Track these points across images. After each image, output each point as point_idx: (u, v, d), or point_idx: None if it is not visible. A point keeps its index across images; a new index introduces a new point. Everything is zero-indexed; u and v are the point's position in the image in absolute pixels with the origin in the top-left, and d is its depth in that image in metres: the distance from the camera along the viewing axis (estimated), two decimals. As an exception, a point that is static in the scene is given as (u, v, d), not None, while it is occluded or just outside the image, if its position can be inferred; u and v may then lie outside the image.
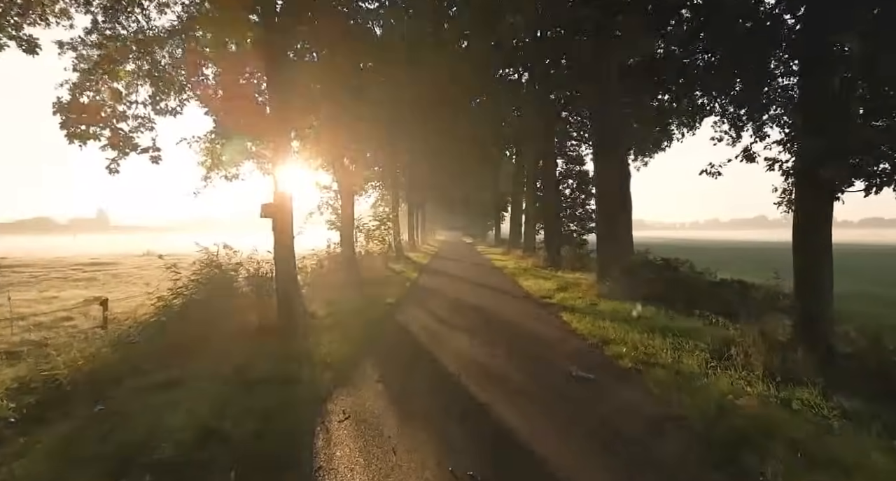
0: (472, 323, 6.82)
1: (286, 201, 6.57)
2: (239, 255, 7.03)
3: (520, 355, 5.01)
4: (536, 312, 7.67)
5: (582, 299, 8.33)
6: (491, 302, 8.76)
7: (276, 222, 6.54)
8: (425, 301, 8.95)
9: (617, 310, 7.09)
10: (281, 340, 5.48)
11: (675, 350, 4.82)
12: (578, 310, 7.40)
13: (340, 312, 7.21)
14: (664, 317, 6.49)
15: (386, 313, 7.54)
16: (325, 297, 8.78)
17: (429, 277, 13.43)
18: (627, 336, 5.54)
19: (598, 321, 6.46)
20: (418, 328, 6.42)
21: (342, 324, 6.44)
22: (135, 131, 6.95)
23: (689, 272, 8.67)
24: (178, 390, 3.91)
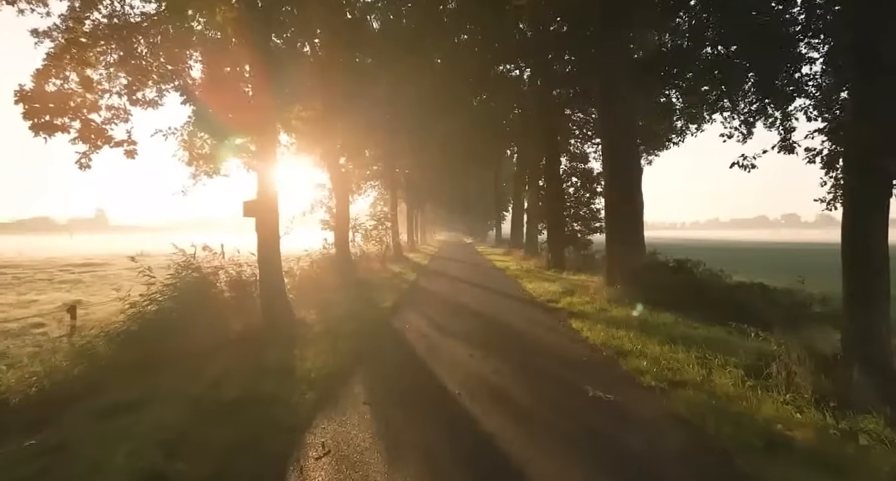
0: (474, 330, 6.29)
1: (271, 199, 6.04)
2: (221, 257, 6.49)
3: (527, 370, 4.47)
4: (543, 319, 7.13)
5: (591, 304, 7.79)
6: (493, 306, 8.23)
7: (260, 221, 6.01)
8: (424, 305, 8.41)
9: (630, 317, 6.55)
10: (263, 351, 4.94)
11: (703, 365, 4.28)
12: (588, 317, 6.86)
13: (332, 318, 6.68)
14: (683, 324, 5.95)
15: (381, 319, 7.00)
16: (317, 301, 8.25)
17: (428, 279, 12.90)
18: (646, 347, 5.00)
19: (611, 329, 5.92)
20: (415, 336, 5.89)
21: (332, 331, 5.90)
22: (108, 123, 6.41)
23: (704, 275, 8.13)
24: (135, 415, 3.38)
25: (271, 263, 5.99)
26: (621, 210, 8.23)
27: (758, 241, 63.73)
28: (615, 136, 8.37)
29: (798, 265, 21.41)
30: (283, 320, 5.97)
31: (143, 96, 6.81)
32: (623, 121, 8.28)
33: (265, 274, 5.97)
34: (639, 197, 8.23)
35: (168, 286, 5.67)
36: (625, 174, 8.22)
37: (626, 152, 8.23)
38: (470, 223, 59.99)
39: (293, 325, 5.97)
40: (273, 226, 6.05)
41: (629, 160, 8.24)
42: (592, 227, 15.07)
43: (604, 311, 7.20)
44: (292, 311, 6.31)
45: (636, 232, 8.22)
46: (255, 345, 5.23)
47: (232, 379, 4.09)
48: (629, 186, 8.18)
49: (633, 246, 8.19)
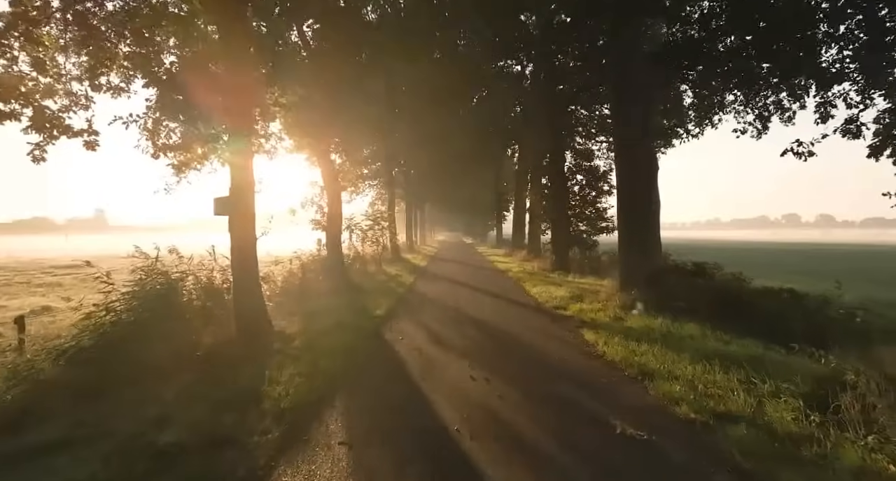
0: (475, 344, 5.60)
1: (246, 195, 5.35)
2: (191, 260, 5.80)
3: (539, 396, 3.78)
4: (551, 329, 6.44)
5: (603, 311, 7.10)
6: (496, 314, 7.53)
7: (234, 221, 5.32)
8: (420, 312, 7.72)
9: (650, 328, 5.86)
10: (230, 371, 4.25)
11: (750, 392, 3.59)
12: (602, 327, 6.17)
13: (316, 329, 5.98)
14: (712, 338, 5.26)
15: (371, 330, 6.31)
16: (303, 309, 7.56)
17: (426, 282, 12.21)
18: (675, 366, 4.31)
19: (630, 342, 5.22)
20: (408, 351, 5.19)
21: (315, 345, 5.20)
22: (66, 111, 5.72)
23: (725, 279, 7.45)
24: (47, 463, 2.69)
25: (246, 268, 5.30)
26: (636, 209, 7.54)
27: (763, 242, 63.05)
28: (628, 131, 7.68)
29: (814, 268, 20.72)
30: (260, 332, 5.28)
31: (107, 81, 6.12)
32: (637, 115, 7.59)
33: (239, 279, 5.27)
34: (655, 195, 7.54)
35: (128, 294, 4.98)
36: (639, 170, 7.53)
37: (641, 145, 7.54)
38: (470, 223, 59.32)
39: (270, 338, 5.28)
40: (248, 225, 5.36)
41: (644, 155, 7.55)
42: (599, 228, 14.39)
43: (619, 320, 6.51)
44: (270, 322, 5.61)
45: (652, 233, 7.53)
46: (222, 362, 4.54)
47: (183, 409, 3.40)
48: (644, 184, 7.49)
49: (649, 248, 7.50)
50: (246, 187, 5.33)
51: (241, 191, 5.30)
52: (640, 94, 7.68)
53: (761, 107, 13.29)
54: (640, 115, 7.58)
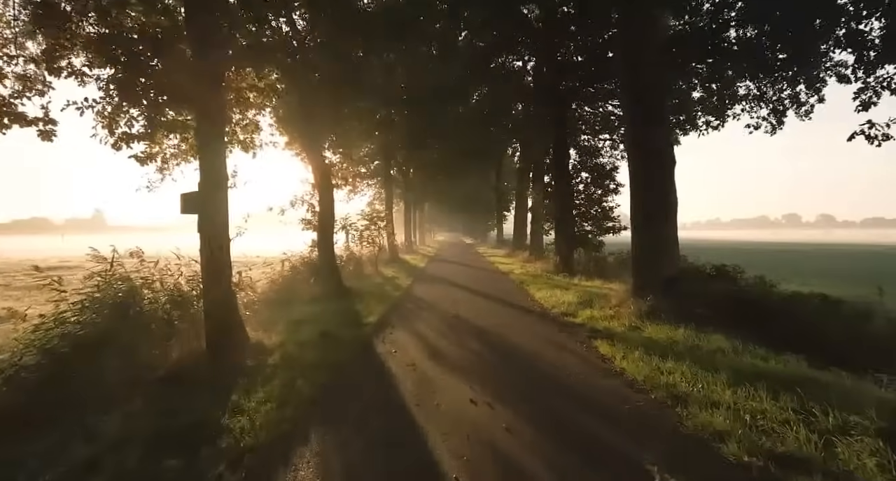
0: (476, 358, 4.98)
1: (218, 191, 4.73)
2: (157, 264, 5.18)
3: (553, 426, 3.17)
4: (560, 339, 5.82)
5: (617, 319, 6.48)
6: (499, 321, 6.92)
7: (204, 221, 4.70)
8: (417, 319, 7.11)
9: (673, 339, 5.24)
10: (189, 397, 3.63)
11: (809, 425, 2.97)
12: (618, 338, 5.55)
13: (298, 341, 5.36)
14: (746, 353, 4.63)
15: (362, 341, 5.69)
16: (288, 316, 6.95)
17: (424, 285, 11.59)
18: (711, 389, 3.69)
19: (653, 357, 4.60)
20: (401, 368, 4.58)
21: (294, 361, 4.59)
22: (18, 96, 5.10)
23: (750, 283, 6.83)
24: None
25: (218, 273, 4.68)
26: (651, 208, 6.92)
27: (766, 242, 62.47)
28: (642, 123, 7.05)
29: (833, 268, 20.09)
30: (232, 345, 4.66)
31: (67, 65, 5.49)
32: (652, 105, 6.96)
33: (210, 286, 4.66)
34: (672, 192, 6.92)
35: (78, 303, 4.36)
36: (655, 165, 6.91)
37: (655, 140, 6.92)
38: (470, 223, 58.75)
39: (244, 353, 4.66)
40: (221, 226, 4.75)
41: (660, 149, 6.93)
42: (605, 227, 13.75)
43: (636, 330, 5.89)
44: (246, 333, 4.99)
45: (669, 234, 6.91)
46: (185, 383, 3.92)
47: (120, 450, 2.78)
48: (660, 180, 6.87)
49: (666, 250, 6.88)
50: (218, 182, 4.71)
51: (212, 186, 4.68)
52: (655, 83, 7.05)
53: (776, 101, 12.79)
54: (656, 105, 6.96)
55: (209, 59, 4.43)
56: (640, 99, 6.86)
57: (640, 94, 6.87)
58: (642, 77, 6.90)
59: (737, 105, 13.23)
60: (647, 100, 6.81)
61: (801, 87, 11.83)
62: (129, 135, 4.62)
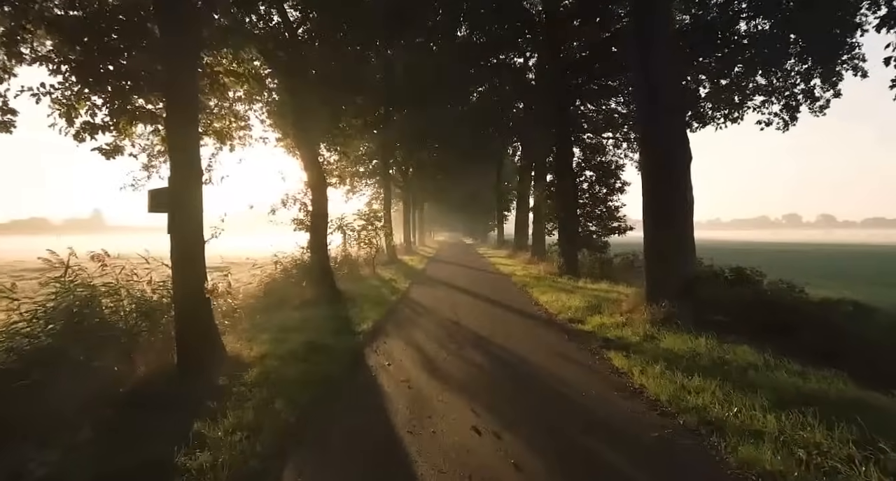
0: (479, 373, 4.49)
1: (191, 187, 4.25)
2: (124, 269, 4.69)
3: (569, 463, 2.68)
4: (570, 350, 5.33)
5: (630, 327, 5.99)
6: (502, 329, 6.43)
7: (176, 220, 4.21)
8: (413, 327, 6.62)
9: (695, 351, 4.74)
10: (146, 424, 3.15)
11: (881, 465, 2.48)
12: (633, 349, 5.06)
13: (282, 353, 4.86)
14: (781, 368, 4.14)
15: (352, 352, 5.20)
16: (275, 323, 6.46)
17: (423, 288, 11.11)
18: (750, 414, 3.20)
19: (675, 372, 4.11)
20: (395, 386, 4.09)
21: (274, 378, 4.09)
22: (-29, 84, 4.61)
23: (772, 288, 6.34)
24: None
25: (191, 278, 4.19)
26: (665, 206, 6.43)
27: (766, 242, 62.02)
28: (656, 115, 6.56)
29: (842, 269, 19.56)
30: (206, 359, 4.17)
31: (32, 49, 4.99)
32: (665, 95, 6.47)
33: (182, 293, 4.17)
34: (688, 189, 6.44)
35: (30, 313, 3.87)
36: (669, 161, 6.42)
37: (671, 134, 6.44)
38: (470, 223, 58.26)
39: (219, 368, 4.17)
40: (194, 226, 4.26)
41: (675, 144, 6.44)
42: (610, 228, 13.26)
43: (651, 340, 5.39)
44: (222, 345, 4.49)
45: (685, 235, 6.43)
46: (145, 408, 3.43)
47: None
48: (676, 176, 6.39)
49: (682, 251, 6.40)
50: (190, 177, 4.22)
51: (184, 181, 4.19)
52: (670, 73, 6.56)
53: (788, 96, 12.29)
54: (671, 95, 6.48)
55: (180, 39, 3.94)
56: (654, 89, 6.37)
57: (654, 84, 6.38)
58: (656, 68, 6.40)
59: (748, 101, 12.76)
60: (662, 90, 6.31)
61: (816, 82, 11.36)
62: (92, 125, 4.14)
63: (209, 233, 4.44)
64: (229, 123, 4.68)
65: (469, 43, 17.00)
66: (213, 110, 4.51)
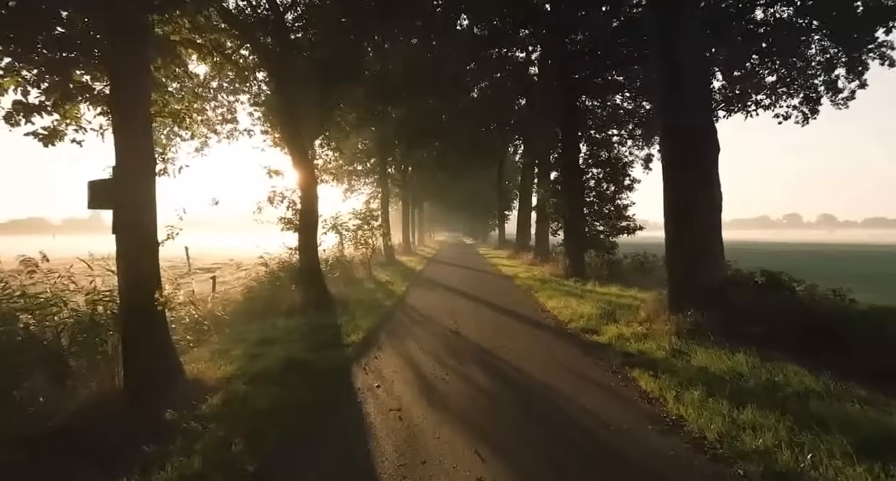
0: (483, 398, 3.81)
1: (140, 180, 3.57)
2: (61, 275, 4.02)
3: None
4: (586, 367, 4.65)
5: (652, 339, 5.30)
6: (507, 340, 5.75)
7: (121, 218, 3.53)
8: (409, 337, 5.94)
9: (737, 372, 4.05)
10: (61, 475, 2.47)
11: None
12: (662, 367, 4.36)
13: (255, 372, 4.18)
14: (848, 396, 3.45)
15: (337, 371, 4.51)
16: (255, 333, 5.78)
17: (421, 292, 10.43)
18: (829, 462, 2.52)
19: (720, 400, 3.42)
20: (384, 416, 3.41)
21: (241, 407, 3.41)
22: None
23: (812, 294, 5.65)
24: None
25: (139, 287, 3.51)
26: (691, 201, 5.75)
27: (768, 242, 61.31)
28: (679, 101, 5.88)
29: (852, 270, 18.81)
30: (159, 385, 3.48)
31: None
32: (691, 81, 5.78)
33: (129, 305, 3.49)
34: (716, 183, 5.76)
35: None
36: (696, 154, 5.74)
37: (696, 123, 5.75)
38: (470, 223, 57.61)
39: (174, 394, 3.48)
40: (145, 224, 3.58)
41: (702, 133, 5.76)
42: (618, 227, 12.57)
43: (681, 356, 4.71)
44: (178, 368, 3.80)
45: (713, 234, 5.75)
46: (69, 450, 2.75)
47: None
48: (703, 170, 5.71)
49: (709, 252, 5.71)
50: (140, 167, 3.55)
51: (132, 172, 3.51)
52: (695, 54, 5.87)
53: (808, 88, 11.60)
54: (697, 78, 5.79)
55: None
56: (678, 71, 5.69)
57: (678, 66, 5.69)
58: (682, 47, 5.71)
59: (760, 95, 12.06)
60: (689, 71, 5.63)
61: (840, 72, 10.67)
62: (24, 105, 3.47)
63: (164, 234, 3.75)
64: (188, 104, 4.02)
65: (470, 35, 16.35)
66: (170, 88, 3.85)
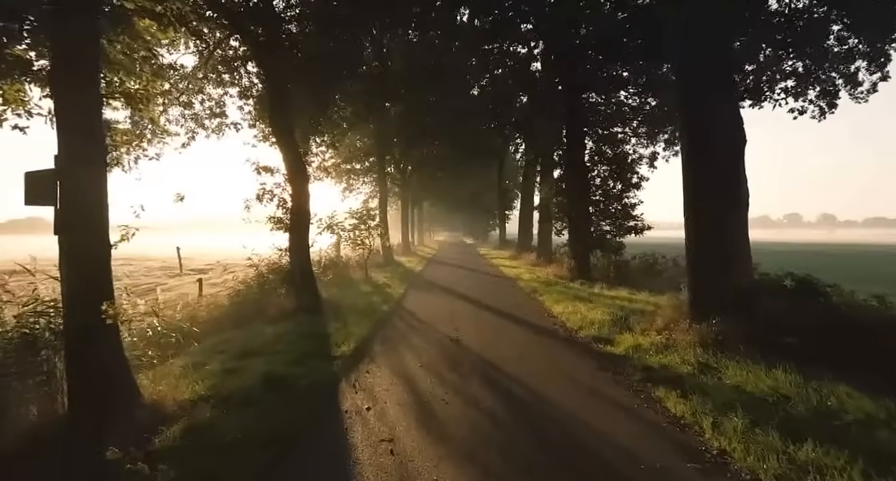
0: (488, 425, 3.29)
1: (88, 173, 3.05)
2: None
3: None
4: (603, 385, 4.13)
5: (674, 351, 4.78)
6: (513, 351, 5.23)
7: (65, 217, 3.01)
8: (405, 347, 5.42)
9: (780, 393, 3.53)
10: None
11: None
12: (690, 385, 3.84)
13: (227, 391, 3.66)
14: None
15: (322, 389, 4.00)
16: (236, 343, 5.28)
17: (419, 295, 9.91)
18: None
19: (769, 431, 2.91)
20: (371, 448, 2.89)
21: (201, 439, 2.90)
22: None
23: (849, 301, 5.13)
24: None
25: (87, 296, 3.00)
26: (715, 198, 5.24)
27: (772, 242, 60.80)
28: (703, 87, 5.36)
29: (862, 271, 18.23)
30: (109, 411, 2.97)
31: None
32: (718, 63, 5.26)
33: (74, 318, 2.97)
34: (743, 178, 5.24)
35: None
36: (720, 146, 5.23)
37: (721, 113, 5.24)
38: (471, 222, 57.07)
39: (125, 423, 2.96)
40: (93, 224, 3.07)
41: (727, 124, 5.24)
42: (626, 227, 12.04)
43: (709, 371, 4.18)
44: (133, 390, 3.28)
45: (739, 233, 5.23)
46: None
47: None
48: (728, 164, 5.19)
49: (736, 254, 5.20)
50: (87, 156, 3.03)
51: (77, 162, 3.00)
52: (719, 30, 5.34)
53: (826, 81, 11.06)
54: (721, 61, 5.28)
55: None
56: (700, 51, 5.17)
57: (701, 49, 5.17)
58: (705, 28, 5.19)
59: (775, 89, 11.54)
60: (712, 53, 5.11)
61: (861, 64, 10.14)
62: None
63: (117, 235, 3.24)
64: (147, 84, 3.51)
65: (470, 29, 15.84)
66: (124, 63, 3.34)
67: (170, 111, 9.18)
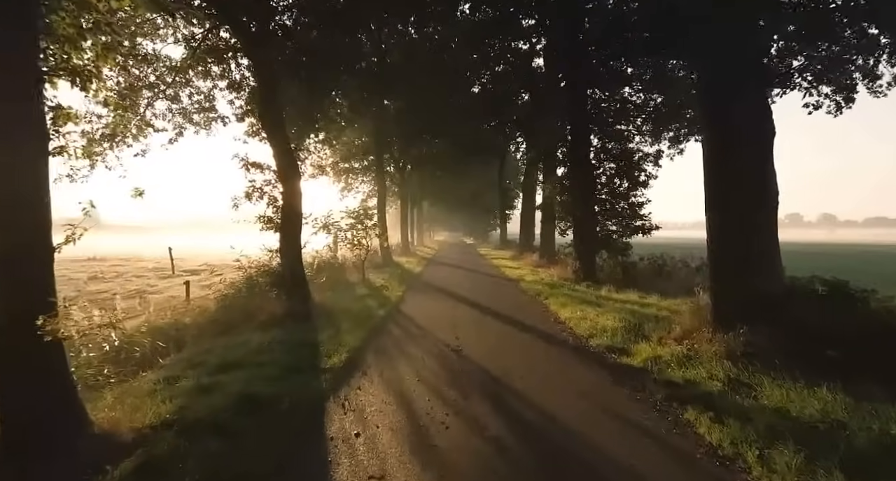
0: (494, 456, 2.83)
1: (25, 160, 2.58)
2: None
3: None
4: (622, 404, 3.67)
5: (699, 364, 4.31)
6: (519, 362, 4.77)
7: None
8: (402, 358, 4.96)
9: (831, 417, 3.07)
10: None
11: None
12: (721, 405, 3.38)
13: (197, 414, 3.20)
14: None
15: (306, 411, 3.53)
16: (216, 354, 4.81)
17: (418, 298, 9.45)
18: None
19: (833, 470, 2.46)
20: (358, 490, 2.44)
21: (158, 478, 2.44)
22: None
23: (891, 308, 4.67)
24: None
25: (21, 307, 2.53)
26: (743, 198, 4.77)
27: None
28: (728, 79, 4.90)
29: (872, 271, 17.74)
30: (54, 442, 2.50)
31: None
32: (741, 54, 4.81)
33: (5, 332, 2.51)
34: (772, 176, 4.78)
35: None
36: (748, 139, 4.76)
37: (749, 102, 4.78)
38: (471, 222, 56.56)
39: (68, 457, 2.49)
40: (32, 222, 2.61)
41: (755, 115, 4.78)
42: (633, 227, 11.58)
43: (742, 389, 3.72)
44: (81, 416, 2.81)
45: (768, 233, 4.77)
46: None
47: None
48: (758, 159, 4.73)
49: (765, 259, 4.74)
50: (23, 144, 2.56)
51: (12, 150, 2.53)
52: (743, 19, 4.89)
53: (842, 75, 10.60)
54: (748, 51, 4.82)
55: None
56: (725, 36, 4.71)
57: (725, 33, 4.71)
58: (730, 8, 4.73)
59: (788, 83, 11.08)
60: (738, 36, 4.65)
61: (883, 56, 9.68)
62: None
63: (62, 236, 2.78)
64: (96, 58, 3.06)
65: (470, 23, 15.39)
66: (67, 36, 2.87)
67: (156, 105, 8.72)
